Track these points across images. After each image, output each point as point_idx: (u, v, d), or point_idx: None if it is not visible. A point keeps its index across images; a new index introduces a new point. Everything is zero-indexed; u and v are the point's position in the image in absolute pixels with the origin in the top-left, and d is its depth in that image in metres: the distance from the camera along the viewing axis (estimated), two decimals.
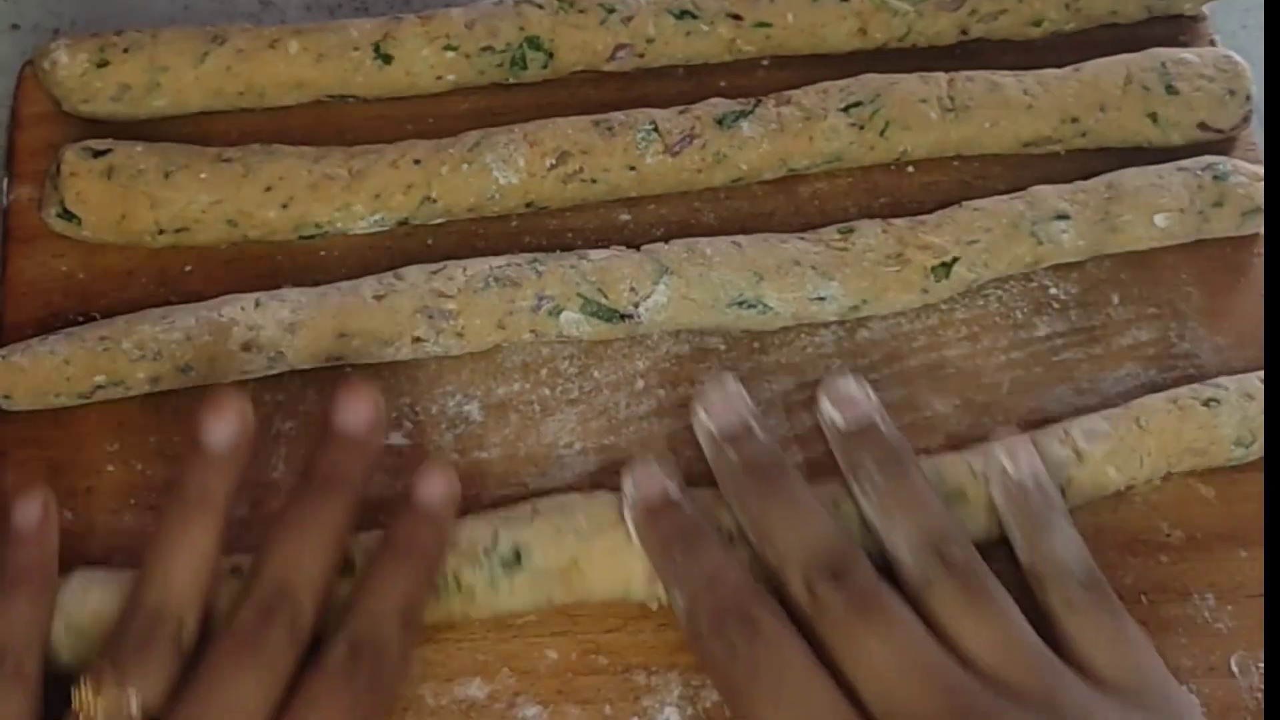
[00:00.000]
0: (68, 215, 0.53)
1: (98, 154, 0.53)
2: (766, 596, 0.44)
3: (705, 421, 0.48)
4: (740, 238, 0.53)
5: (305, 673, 0.43)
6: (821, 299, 0.52)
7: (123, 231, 0.53)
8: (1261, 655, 0.48)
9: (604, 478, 0.50)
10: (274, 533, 0.45)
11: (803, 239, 0.53)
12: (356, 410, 0.47)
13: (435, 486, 0.47)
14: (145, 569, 0.44)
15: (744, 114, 0.55)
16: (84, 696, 0.41)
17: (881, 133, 0.55)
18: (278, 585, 0.43)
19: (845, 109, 0.55)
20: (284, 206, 0.53)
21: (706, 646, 0.43)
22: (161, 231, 0.53)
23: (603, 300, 0.52)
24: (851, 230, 0.53)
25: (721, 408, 0.48)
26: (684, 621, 0.45)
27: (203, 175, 0.53)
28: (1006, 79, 0.56)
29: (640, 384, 0.52)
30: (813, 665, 0.42)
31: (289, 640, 0.43)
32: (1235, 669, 0.48)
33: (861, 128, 0.55)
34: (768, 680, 0.42)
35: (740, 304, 0.52)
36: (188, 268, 0.54)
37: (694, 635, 0.44)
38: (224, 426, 0.45)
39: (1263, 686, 0.47)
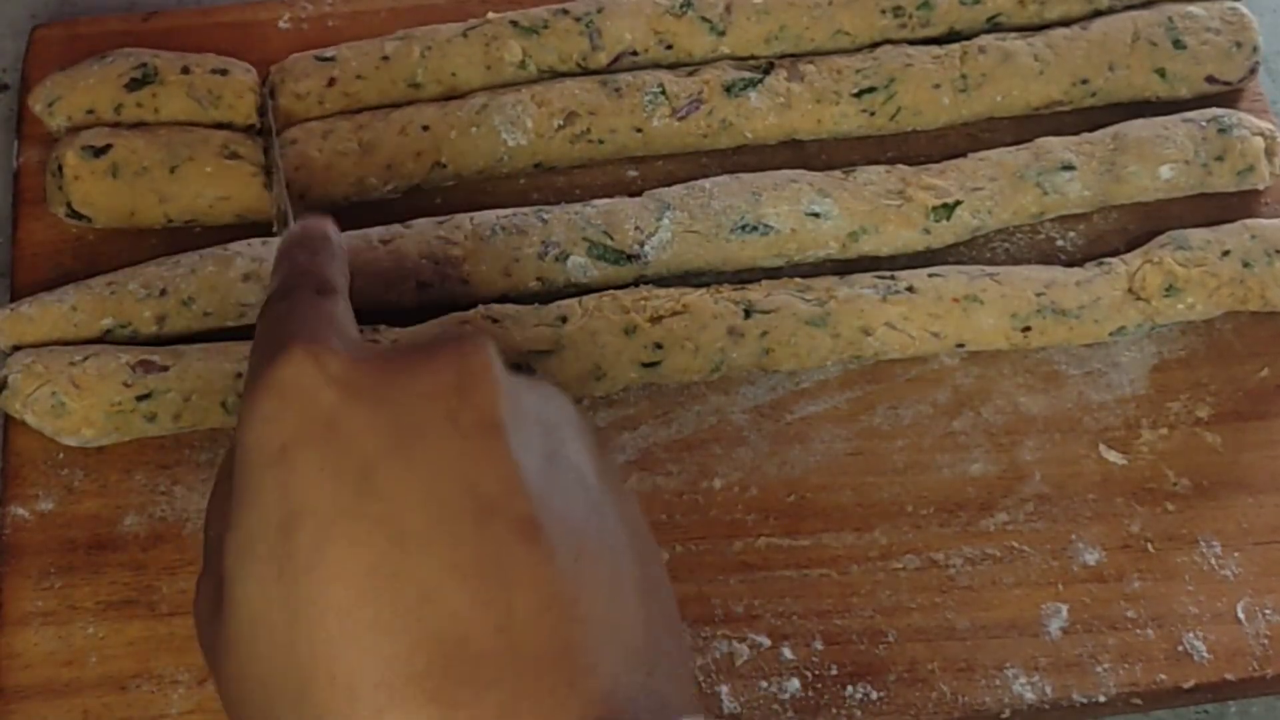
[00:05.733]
0: (76, 215, 0.53)
1: (98, 152, 0.52)
2: None
3: None
4: (741, 174, 0.53)
5: None
6: (818, 215, 0.52)
7: (134, 224, 0.53)
8: (1267, 601, 0.48)
9: None
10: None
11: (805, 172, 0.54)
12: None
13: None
14: None
15: (752, 83, 0.55)
16: None
17: (892, 118, 0.55)
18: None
19: (858, 94, 0.55)
20: (301, 197, 0.52)
21: None
22: (171, 221, 0.53)
23: (609, 242, 0.52)
24: (855, 170, 0.54)
25: None
26: None
27: (208, 169, 0.52)
28: (1017, 44, 0.56)
29: None
30: None
31: None
32: (1242, 615, 0.48)
33: (872, 114, 0.55)
34: None
35: (742, 228, 0.52)
36: (198, 229, 0.54)
37: None
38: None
39: (1269, 633, 0.47)
